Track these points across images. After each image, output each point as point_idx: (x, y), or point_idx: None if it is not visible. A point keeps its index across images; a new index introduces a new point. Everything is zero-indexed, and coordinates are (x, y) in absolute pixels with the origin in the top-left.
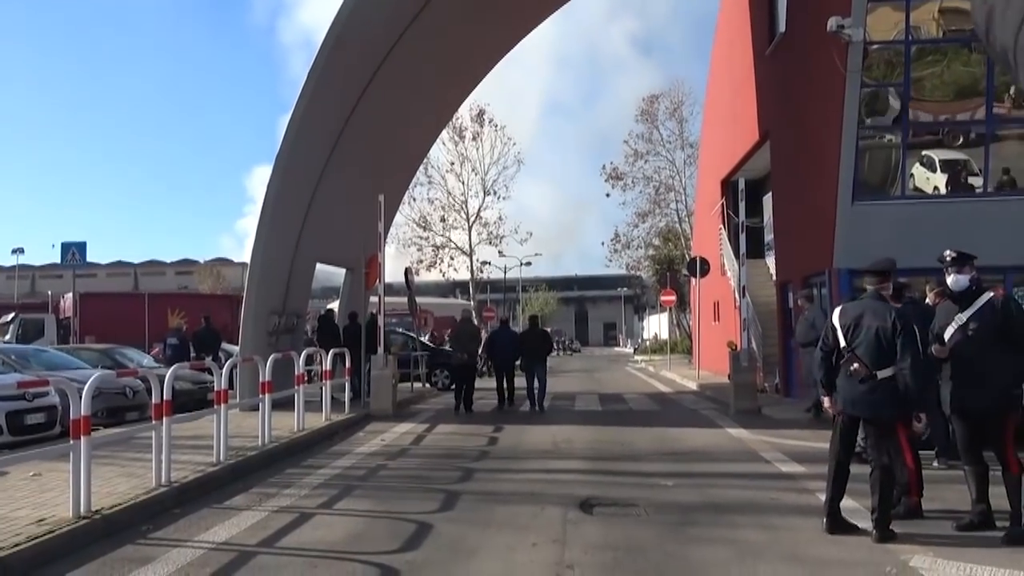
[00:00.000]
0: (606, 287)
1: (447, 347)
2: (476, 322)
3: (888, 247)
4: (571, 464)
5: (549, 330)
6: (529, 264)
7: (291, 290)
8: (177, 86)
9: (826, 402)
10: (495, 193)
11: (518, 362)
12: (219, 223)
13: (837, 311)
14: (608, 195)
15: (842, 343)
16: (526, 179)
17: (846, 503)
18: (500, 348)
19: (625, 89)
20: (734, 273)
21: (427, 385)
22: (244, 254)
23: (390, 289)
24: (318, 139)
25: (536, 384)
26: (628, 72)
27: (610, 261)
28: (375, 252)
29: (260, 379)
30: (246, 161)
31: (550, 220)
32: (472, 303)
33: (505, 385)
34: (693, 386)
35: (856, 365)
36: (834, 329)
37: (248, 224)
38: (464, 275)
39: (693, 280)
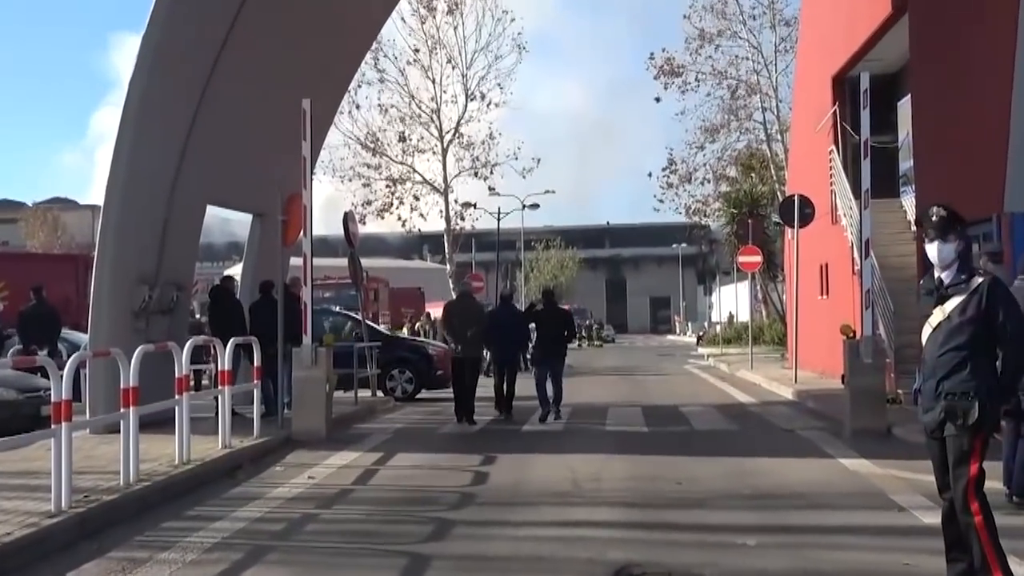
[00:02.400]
0: (654, 243)
1: (403, 333)
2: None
3: None
4: (600, 513)
5: (569, 308)
6: (536, 207)
7: (168, 248)
8: None
9: None
10: (483, 97)
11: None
12: (58, 138)
13: None
14: (659, 100)
15: None
16: (532, 74)
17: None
18: (500, 335)
19: None
20: (852, 220)
21: (379, 393)
22: (94, 191)
23: (323, 246)
24: (210, 5)
25: (550, 386)
26: None
27: (661, 202)
28: (298, 190)
29: (121, 384)
30: (99, 31)
31: (569, 139)
32: (449, 267)
33: (506, 387)
34: (788, 394)
35: None
36: None
37: (105, 123)
38: (436, 224)
39: (788, 231)
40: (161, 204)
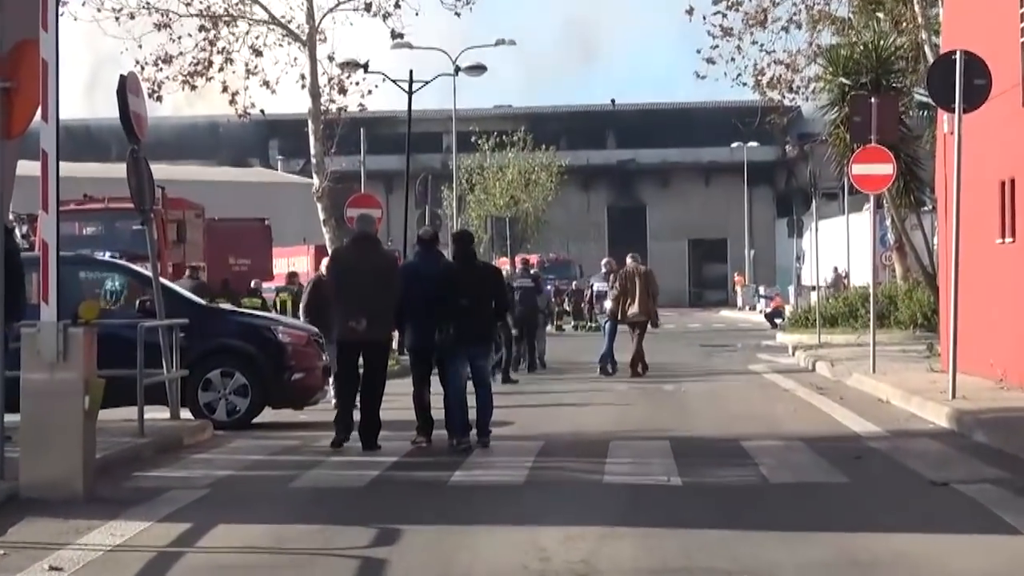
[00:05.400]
0: (697, 140)
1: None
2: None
3: None
4: None
5: (521, 266)
6: (480, 72)
7: None
8: None
9: None
10: None
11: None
12: None
13: None
14: None
15: None
16: None
17: None
18: (420, 306)
19: None
20: None
21: (184, 415)
22: None
23: (82, 140)
24: None
25: (475, 396)
26: None
27: (710, 63)
28: (32, 36)
29: None
30: None
31: None
32: (317, 181)
33: (427, 395)
34: (939, 417)
35: None
36: None
37: None
38: (294, 102)
39: (944, 120)
40: None
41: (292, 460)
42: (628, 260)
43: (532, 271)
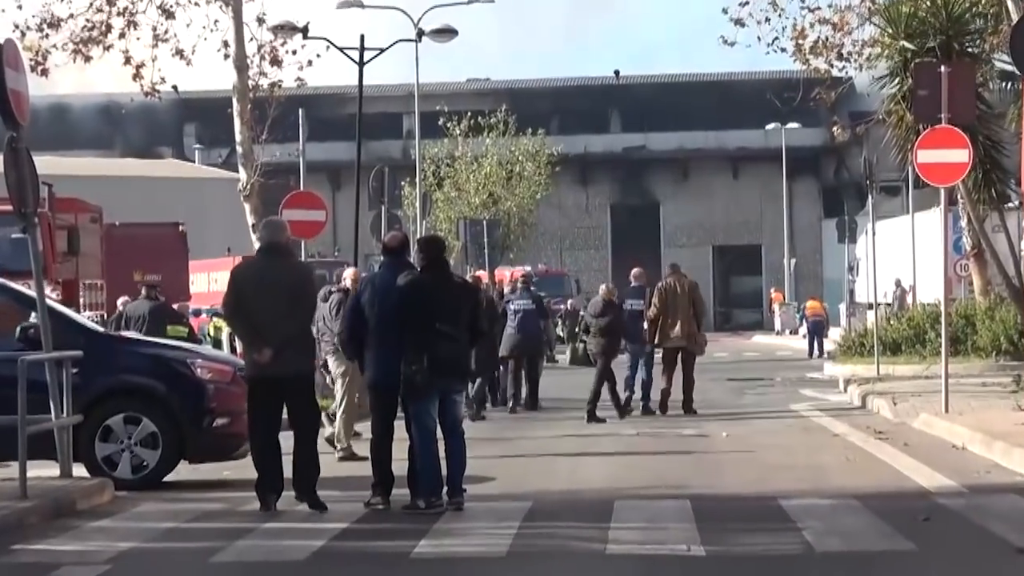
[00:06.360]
0: (723, 122)
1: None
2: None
3: None
4: None
5: (506, 280)
6: (450, 36)
7: None
8: None
9: None
10: None
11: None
12: None
13: None
14: None
15: None
16: None
17: None
18: (387, 328)
19: None
20: None
21: (78, 472)
22: None
23: None
24: None
25: (445, 445)
26: None
27: (738, 25)
28: None
29: None
30: None
31: None
32: (244, 176)
33: (390, 444)
34: None
35: None
36: None
37: None
38: (216, 77)
39: None
40: None
41: (214, 528)
42: (667, 272)
43: (532, 288)
